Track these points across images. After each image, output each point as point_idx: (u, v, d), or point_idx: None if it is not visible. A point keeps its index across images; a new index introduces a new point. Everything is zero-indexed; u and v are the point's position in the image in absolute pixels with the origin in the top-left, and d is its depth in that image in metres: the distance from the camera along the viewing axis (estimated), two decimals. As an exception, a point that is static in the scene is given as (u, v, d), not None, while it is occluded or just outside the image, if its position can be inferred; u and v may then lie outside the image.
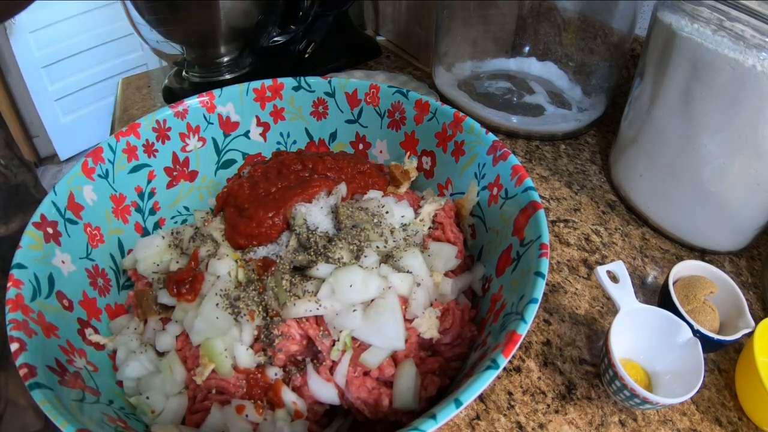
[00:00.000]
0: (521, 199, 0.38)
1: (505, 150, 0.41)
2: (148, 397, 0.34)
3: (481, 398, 0.39)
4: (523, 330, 0.28)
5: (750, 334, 0.39)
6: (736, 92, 0.41)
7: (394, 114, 0.49)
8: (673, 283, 0.43)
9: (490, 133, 0.43)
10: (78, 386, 0.30)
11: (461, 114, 0.45)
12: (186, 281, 0.37)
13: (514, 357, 0.42)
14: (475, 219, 0.44)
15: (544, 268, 0.32)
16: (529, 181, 0.38)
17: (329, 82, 0.49)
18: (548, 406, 0.39)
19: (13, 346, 0.27)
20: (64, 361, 0.31)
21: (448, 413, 0.24)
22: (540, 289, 0.30)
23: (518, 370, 0.41)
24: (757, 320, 0.40)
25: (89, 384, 0.31)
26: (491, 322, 0.35)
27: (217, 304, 0.35)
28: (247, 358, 0.34)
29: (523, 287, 0.32)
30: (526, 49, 0.76)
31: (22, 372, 0.26)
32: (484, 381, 0.26)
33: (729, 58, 0.41)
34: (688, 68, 0.45)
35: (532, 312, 0.29)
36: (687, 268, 0.44)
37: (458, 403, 0.25)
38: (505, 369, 0.41)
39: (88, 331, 0.36)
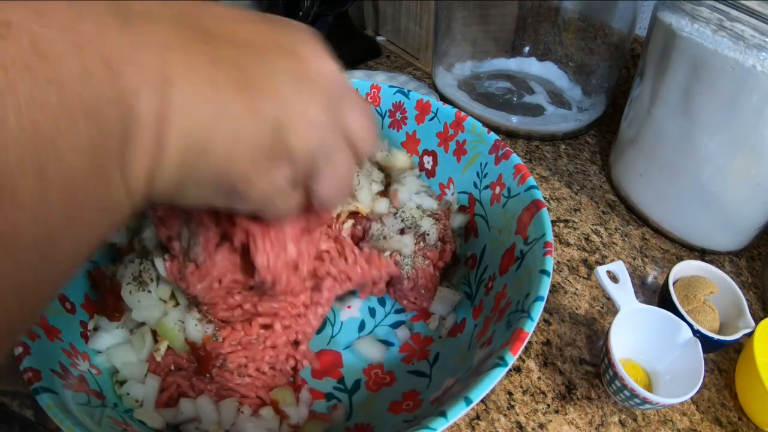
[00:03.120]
0: (524, 197, 0.38)
1: (507, 149, 0.41)
2: (128, 393, 0.33)
3: (481, 398, 0.39)
4: (530, 327, 0.28)
5: (750, 334, 0.39)
6: (736, 92, 0.41)
7: (395, 114, 0.49)
8: (673, 283, 0.43)
9: (492, 133, 0.43)
10: (82, 389, 0.30)
11: (462, 113, 0.45)
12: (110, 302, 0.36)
13: (514, 357, 0.42)
14: (478, 218, 0.44)
15: (549, 266, 0.32)
16: (531, 180, 0.38)
17: None
18: (548, 406, 0.39)
19: (17, 350, 0.27)
20: (68, 364, 0.31)
21: (459, 411, 0.25)
22: (546, 287, 0.30)
23: (518, 370, 0.41)
24: (757, 320, 0.40)
25: (92, 387, 0.31)
26: (496, 320, 0.35)
27: (130, 292, 0.34)
28: (193, 331, 0.34)
29: (528, 285, 0.32)
30: (526, 49, 0.76)
31: (26, 376, 0.26)
32: (493, 378, 0.26)
33: (729, 58, 0.41)
34: (688, 68, 0.45)
35: (539, 310, 0.29)
36: (687, 268, 0.44)
37: (468, 401, 0.25)
38: (505, 369, 0.41)
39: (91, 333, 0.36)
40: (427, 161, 0.49)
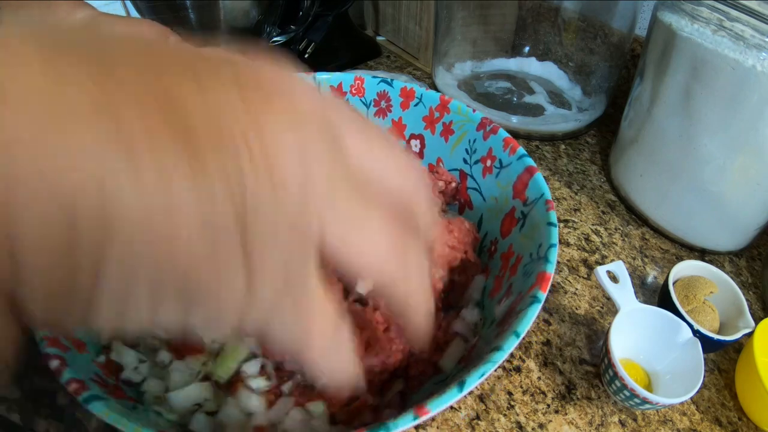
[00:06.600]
0: (517, 166, 0.39)
1: (494, 125, 0.42)
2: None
3: (480, 398, 0.39)
4: (551, 269, 0.30)
5: (750, 334, 0.39)
6: (736, 92, 0.41)
7: (380, 103, 0.50)
8: (673, 283, 0.43)
9: (478, 111, 0.44)
10: (122, 396, 0.29)
11: (447, 97, 0.46)
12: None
13: (513, 357, 0.42)
14: (471, 191, 0.45)
15: (554, 219, 0.33)
16: (522, 150, 0.40)
17: (314, 77, 0.49)
18: (548, 406, 0.39)
19: (53, 364, 0.26)
20: (102, 374, 0.30)
21: (512, 344, 0.25)
22: (555, 236, 0.32)
23: (518, 370, 0.41)
24: (757, 320, 0.40)
25: (129, 394, 0.31)
26: (509, 276, 0.36)
27: None
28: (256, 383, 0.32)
29: (538, 237, 0.34)
30: (526, 49, 0.76)
31: (72, 388, 0.25)
32: (533, 313, 0.27)
33: (729, 58, 0.41)
34: (688, 68, 0.45)
35: (554, 254, 0.31)
36: (687, 268, 0.44)
37: (517, 335, 0.26)
38: (504, 369, 0.41)
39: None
40: (415, 145, 0.49)
